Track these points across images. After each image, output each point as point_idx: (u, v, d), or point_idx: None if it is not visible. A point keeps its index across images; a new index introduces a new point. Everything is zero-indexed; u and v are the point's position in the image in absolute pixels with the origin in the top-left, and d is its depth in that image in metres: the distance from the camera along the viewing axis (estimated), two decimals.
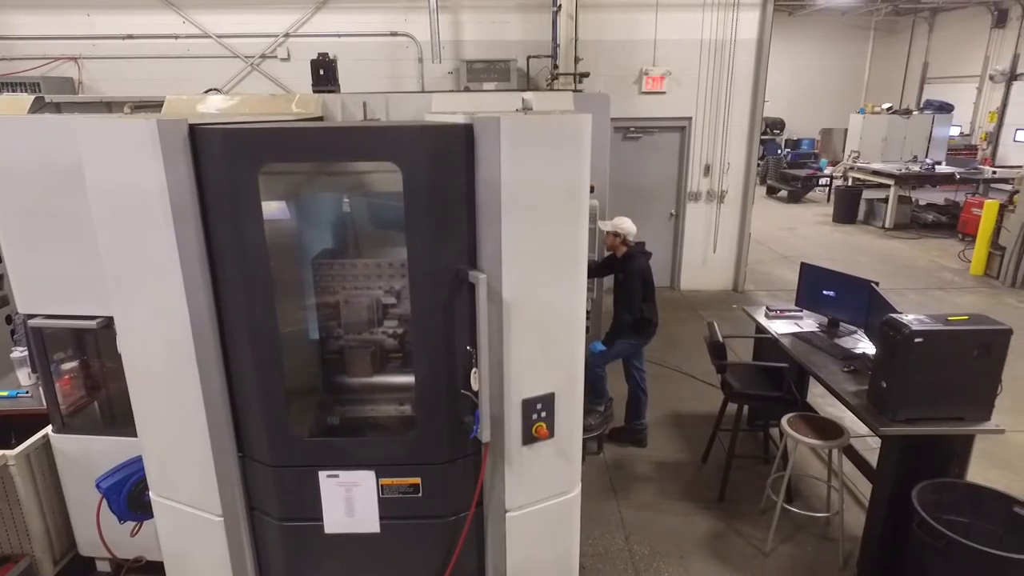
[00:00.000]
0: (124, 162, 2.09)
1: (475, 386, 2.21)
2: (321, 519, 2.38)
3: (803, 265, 4.30)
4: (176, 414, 2.34)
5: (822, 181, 15.02)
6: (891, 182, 11.45)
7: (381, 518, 2.38)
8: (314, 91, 4.45)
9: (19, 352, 3.45)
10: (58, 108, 3.02)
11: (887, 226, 11.47)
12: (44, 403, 3.28)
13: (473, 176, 2.09)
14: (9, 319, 5.28)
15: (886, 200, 11.72)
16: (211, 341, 2.20)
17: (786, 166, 15.45)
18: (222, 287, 2.17)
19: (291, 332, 2.48)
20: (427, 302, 2.15)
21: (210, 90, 4.93)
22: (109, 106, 3.57)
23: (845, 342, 3.95)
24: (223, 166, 2.02)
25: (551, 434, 2.38)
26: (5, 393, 3.39)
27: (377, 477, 2.33)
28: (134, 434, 3.02)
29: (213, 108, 2.70)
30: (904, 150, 14.39)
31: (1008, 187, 11.27)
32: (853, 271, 4.59)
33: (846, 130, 15.87)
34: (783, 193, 14.84)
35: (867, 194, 12.33)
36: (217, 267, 2.15)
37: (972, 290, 8.13)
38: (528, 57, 7.03)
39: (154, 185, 2.04)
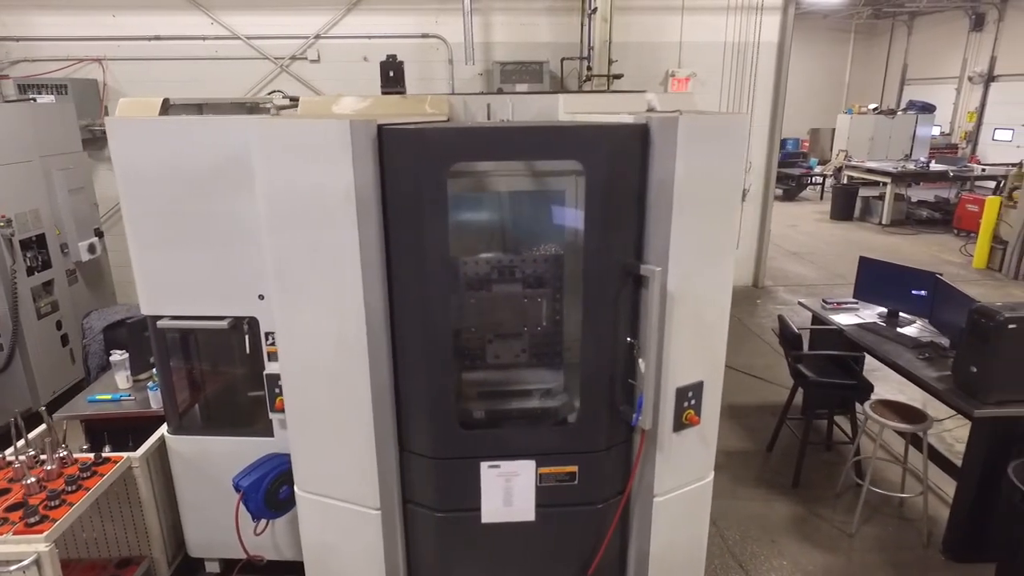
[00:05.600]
0: (308, 162, 2.13)
1: (638, 375, 2.30)
2: (478, 509, 2.44)
3: (862, 259, 4.48)
4: (340, 411, 2.38)
5: (815, 179, 15.43)
6: (887, 180, 11.84)
7: (536, 506, 2.45)
8: (383, 93, 4.48)
9: (118, 356, 3.43)
10: (168, 109, 3.02)
11: (884, 223, 11.86)
12: (152, 406, 3.30)
13: (645, 173, 2.18)
14: (59, 324, 5.22)
15: (881, 197, 12.13)
16: (383, 338, 2.26)
17: (778, 165, 15.82)
18: (396, 284, 2.23)
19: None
20: (598, 295, 2.23)
21: (274, 92, 4.88)
22: (200, 108, 3.56)
23: (908, 331, 4.14)
24: (412, 165, 2.08)
25: (699, 421, 2.48)
26: (108, 396, 3.37)
27: (536, 466, 2.40)
28: (250, 434, 3.09)
29: (348, 109, 2.73)
30: (890, 149, 14.90)
31: (991, 184, 11.80)
32: None
33: (833, 130, 16.35)
34: (778, 191, 15.16)
35: (862, 192, 12.73)
36: (393, 264, 2.21)
37: (979, 283, 8.48)
38: (562, 59, 7.13)
39: (342, 185, 2.09)
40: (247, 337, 2.86)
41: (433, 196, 2.09)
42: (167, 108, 2.84)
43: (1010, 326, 3.05)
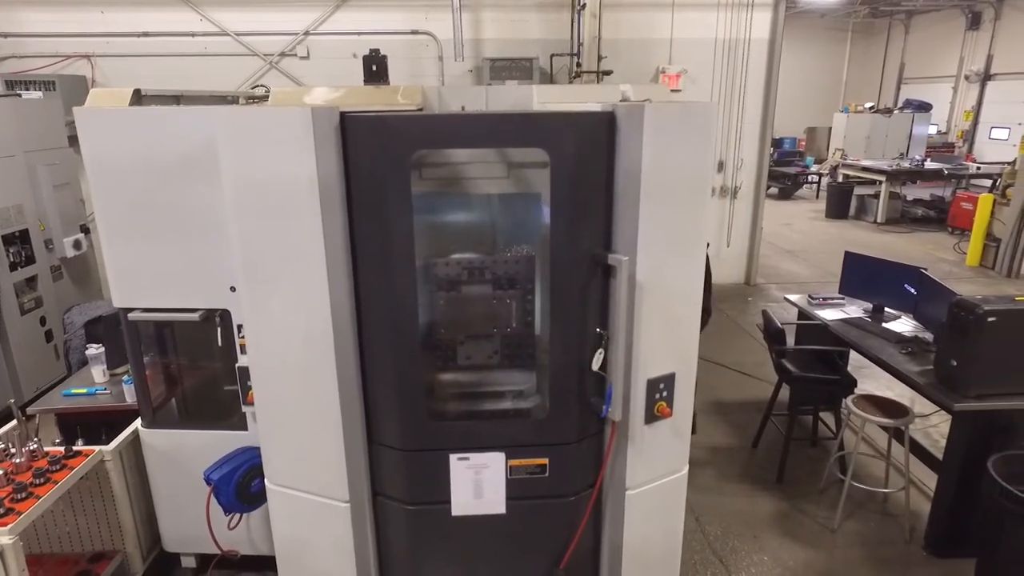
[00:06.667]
0: (272, 151, 2.11)
1: (608, 367, 2.28)
2: (448, 502, 2.42)
3: (847, 254, 4.45)
4: (308, 403, 2.36)
5: (811, 178, 15.40)
6: (882, 178, 11.82)
7: (507, 499, 2.43)
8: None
9: (94, 349, 3.41)
10: (140, 100, 3.00)
11: (879, 221, 11.83)
12: (127, 400, 3.27)
13: (612, 162, 2.16)
14: (43, 320, 5.20)
15: (876, 196, 12.10)
16: (349, 330, 2.23)
17: (774, 164, 15.80)
18: (362, 275, 2.21)
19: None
20: (565, 285, 2.21)
21: (257, 86, 4.91)
22: (178, 99, 3.54)
23: (893, 326, 4.11)
24: (375, 154, 2.06)
25: (671, 413, 2.46)
26: (83, 390, 3.35)
27: (506, 459, 2.38)
28: (224, 427, 3.07)
29: (320, 99, 2.72)
30: (886, 147, 14.85)
31: (987, 182, 11.78)
32: None
33: (830, 128, 16.31)
34: (773, 190, 15.16)
35: (857, 190, 12.71)
36: (359, 254, 2.19)
37: (971, 280, 8.46)
38: (552, 55, 7.12)
39: (304, 174, 2.07)
40: (219, 330, 2.84)
41: (396, 184, 2.07)
42: (139, 99, 2.82)
43: (990, 319, 3.03)
